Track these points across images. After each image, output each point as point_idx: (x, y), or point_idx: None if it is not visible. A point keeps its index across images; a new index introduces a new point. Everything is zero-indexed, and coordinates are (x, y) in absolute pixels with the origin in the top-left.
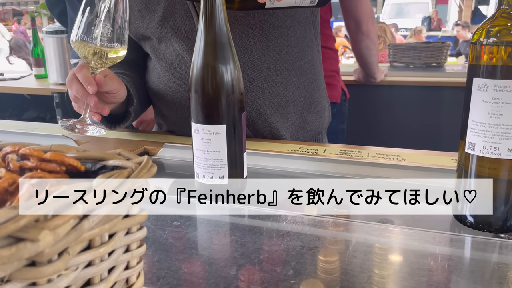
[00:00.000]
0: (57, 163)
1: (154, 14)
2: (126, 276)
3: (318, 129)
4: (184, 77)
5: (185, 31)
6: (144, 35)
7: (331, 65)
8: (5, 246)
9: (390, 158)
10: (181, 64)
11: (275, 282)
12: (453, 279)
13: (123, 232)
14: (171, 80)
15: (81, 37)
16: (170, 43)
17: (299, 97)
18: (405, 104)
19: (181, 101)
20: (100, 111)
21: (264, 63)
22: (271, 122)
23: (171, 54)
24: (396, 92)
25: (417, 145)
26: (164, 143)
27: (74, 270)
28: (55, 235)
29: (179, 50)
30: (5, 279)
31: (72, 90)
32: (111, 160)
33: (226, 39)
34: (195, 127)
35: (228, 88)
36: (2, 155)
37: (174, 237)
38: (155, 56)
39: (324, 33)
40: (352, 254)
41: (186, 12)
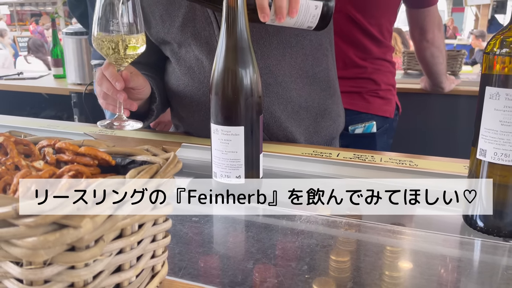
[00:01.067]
0: (90, 157)
1: (174, 19)
2: (152, 264)
3: (332, 135)
4: (203, 81)
5: (205, 36)
6: (164, 39)
7: (389, 79)
8: (50, 232)
9: (403, 164)
10: (200, 69)
11: (290, 276)
12: (462, 281)
13: (150, 223)
14: (189, 83)
15: (101, 28)
16: (190, 48)
17: (312, 103)
18: (419, 111)
19: (198, 104)
20: (129, 107)
21: (280, 69)
22: (285, 126)
23: (190, 58)
24: (410, 100)
25: (431, 152)
26: (182, 143)
27: (108, 256)
28: (94, 222)
29: (199, 55)
30: (47, 262)
31: (102, 88)
32: (140, 155)
33: (246, 45)
34: (214, 128)
35: (247, 91)
36: (39, 148)
37: (194, 231)
38: (175, 60)
39: (385, 45)
40: (364, 254)
41: (206, 18)
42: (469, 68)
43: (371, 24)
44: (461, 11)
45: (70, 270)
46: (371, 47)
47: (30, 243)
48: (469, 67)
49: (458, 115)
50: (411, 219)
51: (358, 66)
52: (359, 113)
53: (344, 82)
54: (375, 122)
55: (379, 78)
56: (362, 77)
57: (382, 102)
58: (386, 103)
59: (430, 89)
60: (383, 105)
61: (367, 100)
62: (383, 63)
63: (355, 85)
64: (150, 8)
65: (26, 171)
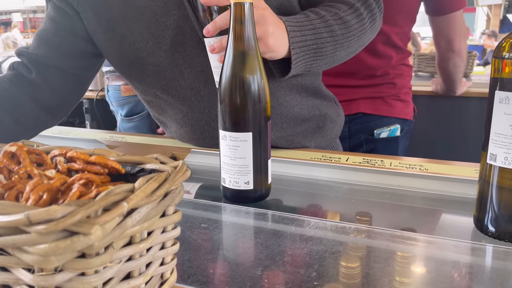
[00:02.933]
0: (101, 165)
1: (160, 41)
2: (161, 271)
3: (336, 134)
4: (203, 111)
5: (199, 64)
6: (144, 59)
7: (407, 82)
8: (61, 239)
9: (413, 168)
10: (198, 98)
11: (299, 283)
12: (473, 287)
13: (159, 230)
14: (189, 112)
15: None
16: (181, 76)
17: (314, 112)
18: (430, 114)
19: (203, 132)
20: None
21: (281, 90)
22: (296, 142)
23: (184, 87)
24: (421, 102)
25: (442, 156)
26: (191, 149)
27: (117, 263)
28: (104, 230)
29: (193, 84)
30: (58, 269)
31: None
32: (149, 163)
33: (254, 51)
34: (222, 134)
35: (255, 97)
36: (51, 157)
37: (203, 238)
38: (163, 89)
39: (405, 51)
40: (374, 260)
41: (197, 43)
42: (481, 69)
43: (395, 33)
44: (472, 11)
45: (81, 277)
46: (393, 55)
47: (41, 250)
48: (481, 68)
49: (468, 117)
50: (422, 224)
51: (381, 75)
52: (383, 117)
53: (367, 89)
54: (398, 125)
55: (399, 82)
56: (384, 83)
57: (403, 105)
58: (406, 106)
59: (441, 93)
60: (404, 108)
61: (390, 104)
62: (403, 67)
63: (378, 91)
64: (125, 22)
65: (38, 179)
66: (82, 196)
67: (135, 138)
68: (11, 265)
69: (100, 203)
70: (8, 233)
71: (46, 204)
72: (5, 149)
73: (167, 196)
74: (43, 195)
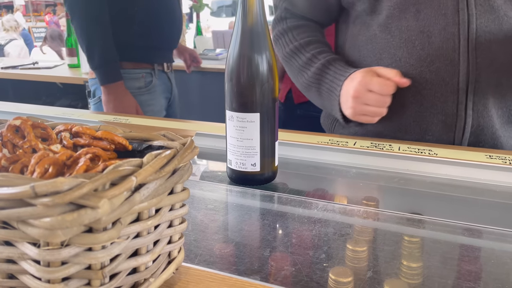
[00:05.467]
0: (107, 141)
1: None
2: (169, 249)
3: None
4: (425, 59)
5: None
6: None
7: None
8: (68, 212)
9: (422, 152)
10: (423, 43)
11: (307, 264)
12: (483, 271)
13: (167, 208)
14: (408, 59)
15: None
16: (403, 14)
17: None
18: None
19: (416, 93)
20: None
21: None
22: (497, 135)
23: (410, 28)
24: None
25: None
26: (196, 131)
27: (125, 239)
28: (112, 204)
29: (425, 25)
30: (65, 243)
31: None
32: (157, 140)
33: (262, 29)
34: (229, 114)
35: (263, 77)
36: (56, 133)
37: (209, 219)
38: (383, 28)
39: None
40: (382, 243)
41: None
42: None
43: None
44: None
45: (88, 252)
46: None
47: (47, 223)
48: None
49: None
50: (430, 209)
51: None
52: None
53: None
54: None
55: None
56: None
57: None
58: None
59: None
60: None
61: None
62: None
63: None
64: None
65: (44, 152)
66: (89, 170)
67: (139, 121)
68: (16, 239)
69: (108, 176)
70: (13, 206)
71: (52, 177)
72: (9, 122)
73: (176, 173)
74: (48, 168)
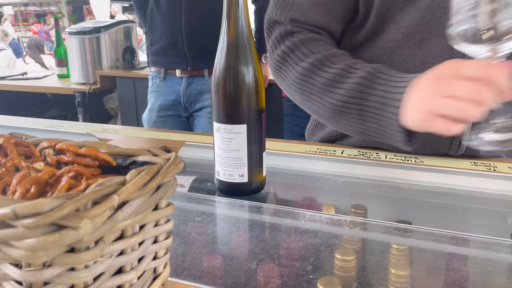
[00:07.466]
0: (91, 157)
1: None
2: (154, 265)
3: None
4: None
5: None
6: None
7: None
8: (49, 233)
9: (408, 160)
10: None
11: (294, 276)
12: (469, 280)
13: (152, 224)
14: None
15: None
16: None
17: None
18: None
19: None
20: None
21: None
22: None
23: (412, 56)
24: None
25: None
26: (185, 142)
27: (108, 258)
28: (93, 223)
29: (423, 54)
30: (47, 264)
31: None
32: (141, 156)
33: (247, 41)
34: (216, 126)
35: (249, 89)
36: (39, 150)
37: (197, 231)
38: (384, 52)
39: None
40: (369, 252)
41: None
42: None
43: None
44: None
45: (70, 272)
46: None
47: (29, 245)
48: None
49: None
50: (417, 216)
51: None
52: None
53: None
54: None
55: None
56: None
57: None
58: None
59: None
60: None
61: None
62: None
63: None
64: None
65: (26, 172)
66: (71, 189)
67: (127, 132)
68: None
69: (90, 196)
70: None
71: (33, 197)
72: None
73: (160, 189)
74: (30, 188)
